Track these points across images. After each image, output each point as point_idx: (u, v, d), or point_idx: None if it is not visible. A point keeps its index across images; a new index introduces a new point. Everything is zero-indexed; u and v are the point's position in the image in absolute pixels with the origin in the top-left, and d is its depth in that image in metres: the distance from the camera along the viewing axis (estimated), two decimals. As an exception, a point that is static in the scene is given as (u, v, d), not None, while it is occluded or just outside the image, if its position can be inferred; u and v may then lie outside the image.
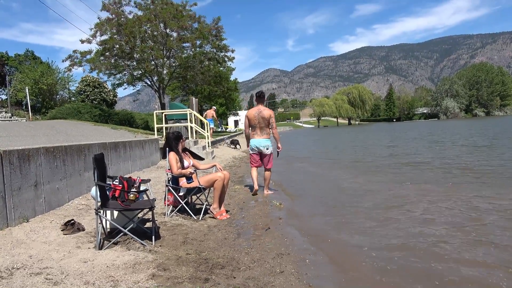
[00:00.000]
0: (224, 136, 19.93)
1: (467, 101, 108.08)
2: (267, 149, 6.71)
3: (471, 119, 75.58)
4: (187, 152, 5.45)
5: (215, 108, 23.31)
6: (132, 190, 3.89)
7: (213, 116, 20.22)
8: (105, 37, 20.06)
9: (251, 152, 6.86)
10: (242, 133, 47.33)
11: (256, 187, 6.74)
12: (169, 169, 4.99)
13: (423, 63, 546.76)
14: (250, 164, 6.98)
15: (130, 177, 4.24)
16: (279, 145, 6.92)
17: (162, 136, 12.84)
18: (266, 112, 6.66)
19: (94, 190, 3.89)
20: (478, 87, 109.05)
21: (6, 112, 46.21)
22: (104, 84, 39.46)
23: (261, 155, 6.78)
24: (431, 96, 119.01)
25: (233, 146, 18.80)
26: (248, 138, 6.89)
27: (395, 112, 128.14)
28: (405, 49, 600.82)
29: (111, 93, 41.26)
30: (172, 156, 4.96)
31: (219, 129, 47.16)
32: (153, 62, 20.96)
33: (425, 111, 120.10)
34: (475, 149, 12.92)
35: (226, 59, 23.70)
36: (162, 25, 20.47)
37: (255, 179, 6.82)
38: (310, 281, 2.92)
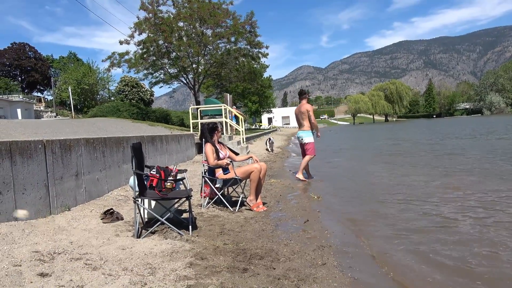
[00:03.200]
0: (269, 138, 16.47)
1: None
2: (302, 139, 7.62)
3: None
4: (224, 144, 5.39)
5: (235, 107, 23.16)
6: (169, 179, 3.85)
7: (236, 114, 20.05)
8: (143, 36, 20.60)
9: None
10: (276, 130, 47.31)
11: (308, 174, 7.73)
12: (205, 160, 4.94)
13: (465, 56, 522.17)
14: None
15: (167, 167, 4.23)
16: (318, 133, 7.84)
17: (198, 132, 12.94)
18: (303, 107, 7.56)
19: (132, 180, 3.90)
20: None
21: (51, 111, 48.80)
22: (142, 84, 40.67)
23: (302, 145, 7.72)
24: (474, 90, 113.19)
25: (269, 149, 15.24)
26: None
27: (435, 108, 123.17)
28: (445, 43, 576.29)
29: (148, 92, 42.49)
30: (208, 147, 4.91)
31: (253, 127, 47.25)
32: (189, 60, 21.26)
33: (467, 107, 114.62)
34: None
35: (260, 55, 23.61)
36: (197, 23, 20.71)
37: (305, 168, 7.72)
38: (354, 275, 2.75)
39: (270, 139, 15.91)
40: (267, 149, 14.96)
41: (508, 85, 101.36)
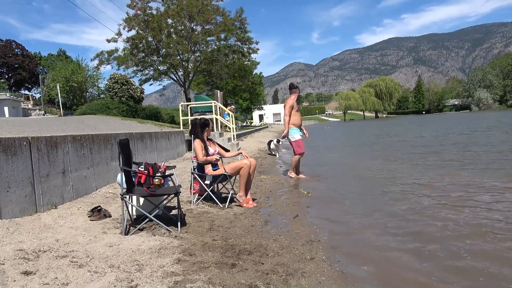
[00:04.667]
0: (277, 139, 12.41)
1: (501, 91, 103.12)
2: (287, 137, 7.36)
3: (507, 110, 72.13)
4: (213, 140, 5.37)
5: (233, 107, 22.64)
6: (157, 175, 3.82)
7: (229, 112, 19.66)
8: (132, 32, 20.38)
9: None
10: (267, 127, 47.26)
11: (298, 172, 7.39)
12: (194, 157, 4.91)
13: (453, 53, 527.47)
14: None
15: (155, 163, 4.19)
16: (286, 132, 7.27)
17: (188, 130, 12.86)
18: (285, 102, 7.29)
19: (119, 177, 3.86)
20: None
21: (39, 109, 48.11)
22: (132, 81, 40.29)
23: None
24: (462, 87, 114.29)
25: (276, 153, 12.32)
26: None
27: (424, 104, 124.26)
28: (434, 39, 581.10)
29: (138, 90, 42.14)
30: (197, 143, 4.88)
31: (244, 124, 47.21)
32: (178, 57, 21.08)
33: (456, 103, 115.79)
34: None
35: (250, 51, 23.52)
36: (186, 20, 20.54)
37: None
38: (343, 269, 2.76)
39: (279, 140, 12.24)
40: (272, 153, 12.15)
41: (496, 82, 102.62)
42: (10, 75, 60.11)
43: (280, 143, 12.29)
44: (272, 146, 12.19)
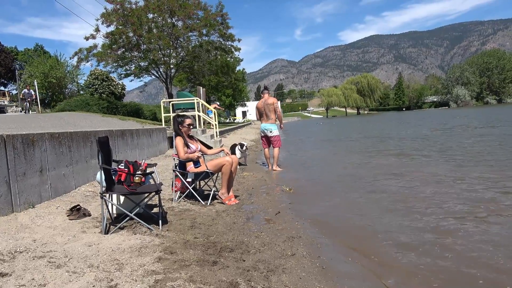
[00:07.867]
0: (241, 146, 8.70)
1: (478, 88, 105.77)
2: (271, 131, 7.83)
3: (484, 107, 74.13)
4: (195, 137, 5.34)
5: (218, 103, 22.72)
6: (137, 173, 3.78)
7: (215, 108, 19.57)
8: (111, 28, 20.04)
9: (261, 135, 8.18)
10: (250, 123, 47.24)
11: (269, 165, 8.07)
12: (176, 154, 4.88)
13: (433, 51, 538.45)
14: (262, 145, 8.35)
15: (135, 161, 4.14)
16: (282, 125, 8.27)
17: (170, 127, 12.74)
18: (270, 100, 7.80)
19: (99, 175, 3.80)
20: (489, 74, 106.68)
21: (16, 106, 46.72)
22: (113, 77, 39.47)
23: (268, 137, 7.93)
24: (441, 84, 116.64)
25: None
26: None
27: (404, 101, 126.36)
28: (414, 37, 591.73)
29: (119, 86, 41.30)
30: (178, 140, 4.85)
31: (227, 120, 47.12)
32: (160, 52, 20.84)
33: (435, 100, 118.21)
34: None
35: (232, 49, 23.45)
36: (167, 14, 20.32)
37: (267, 158, 8.20)
38: (323, 264, 2.80)
39: (243, 145, 8.85)
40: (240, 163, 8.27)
41: (473, 79, 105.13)
42: (-16, 70, 58.01)
43: (245, 148, 8.80)
44: (237, 153, 8.67)
